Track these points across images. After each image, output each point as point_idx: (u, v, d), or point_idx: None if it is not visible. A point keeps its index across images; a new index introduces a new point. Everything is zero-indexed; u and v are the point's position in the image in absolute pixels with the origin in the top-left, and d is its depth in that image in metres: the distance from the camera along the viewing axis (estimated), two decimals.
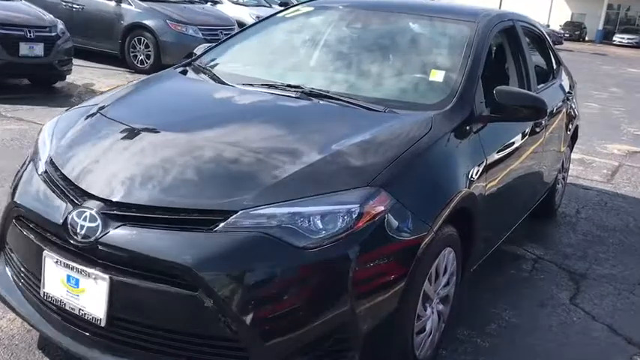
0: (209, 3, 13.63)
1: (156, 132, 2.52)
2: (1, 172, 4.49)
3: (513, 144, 3.26)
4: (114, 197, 2.15)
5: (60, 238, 2.15)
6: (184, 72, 3.32)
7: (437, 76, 2.99)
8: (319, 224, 2.08)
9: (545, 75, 4.54)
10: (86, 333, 2.13)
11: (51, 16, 8.55)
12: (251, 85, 3.02)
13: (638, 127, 9.94)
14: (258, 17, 12.75)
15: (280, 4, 16.17)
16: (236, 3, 15.43)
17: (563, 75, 4.87)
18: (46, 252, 2.18)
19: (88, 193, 2.19)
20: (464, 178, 2.61)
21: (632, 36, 43.47)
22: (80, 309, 2.11)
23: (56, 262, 2.15)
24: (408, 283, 2.23)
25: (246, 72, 3.28)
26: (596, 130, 8.95)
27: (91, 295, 2.08)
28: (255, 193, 2.11)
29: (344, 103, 2.80)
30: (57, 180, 2.32)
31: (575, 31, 46.17)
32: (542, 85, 4.16)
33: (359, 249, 2.09)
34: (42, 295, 2.22)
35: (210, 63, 3.42)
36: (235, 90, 3.00)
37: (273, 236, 2.02)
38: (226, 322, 1.98)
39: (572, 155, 5.58)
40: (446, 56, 3.20)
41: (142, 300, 2.04)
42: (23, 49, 7.80)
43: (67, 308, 2.15)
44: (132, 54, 10.74)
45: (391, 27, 3.46)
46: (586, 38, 46.96)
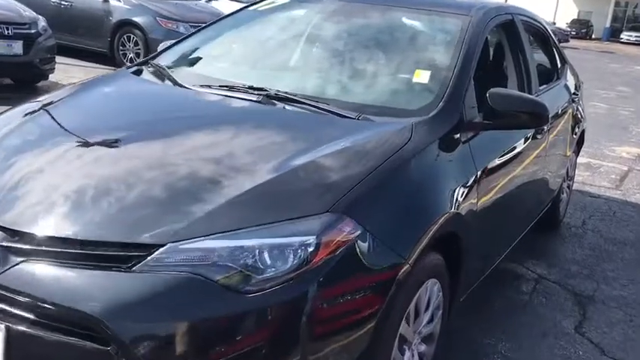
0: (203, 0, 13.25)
1: (81, 145, 2.13)
2: None
3: (510, 152, 2.86)
4: (18, 226, 1.77)
5: None
6: (138, 72, 2.93)
7: (421, 77, 2.59)
8: (267, 261, 1.69)
9: (548, 75, 4.13)
10: None
11: (32, 13, 8.18)
12: (208, 87, 2.63)
13: None
14: None
15: None
16: None
17: (568, 75, 4.46)
18: None
19: None
20: (450, 197, 2.22)
21: (639, 34, 42.86)
22: None
23: None
24: (379, 326, 1.85)
25: (207, 72, 2.89)
26: (603, 132, 8.52)
27: None
28: (187, 222, 1.72)
29: (312, 109, 2.40)
30: None
31: (581, 29, 45.62)
32: (544, 86, 3.75)
33: (315, 290, 1.70)
34: None
35: (169, 61, 3.03)
36: (188, 93, 2.61)
37: (207, 277, 1.63)
38: None
39: (578, 160, 5.18)
40: (433, 54, 2.80)
41: (47, 355, 1.66)
42: (0, 47, 7.44)
43: None
44: (121, 52, 10.38)
45: (373, 22, 3.06)
46: (593, 36, 46.38)
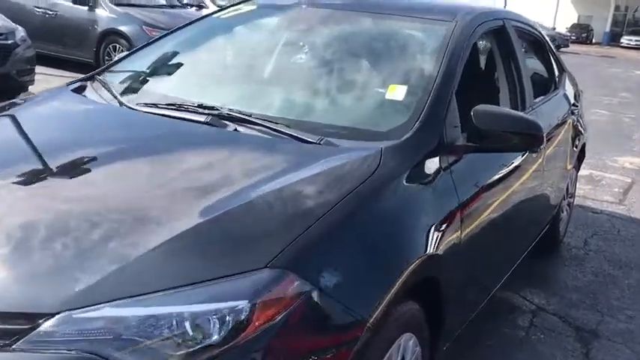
0: (194, 8, 12.94)
1: None
2: None
3: (500, 176, 2.52)
4: None
5: None
6: (80, 88, 2.60)
7: (396, 93, 2.25)
8: (188, 332, 1.35)
9: (545, 85, 3.80)
10: None
11: (9, 23, 7.87)
12: (155, 106, 2.29)
13: None
14: None
15: None
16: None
17: (567, 84, 4.12)
18: None
19: None
20: (426, 237, 1.87)
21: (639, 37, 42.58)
22: None
23: None
24: None
25: (157, 87, 2.56)
26: (605, 141, 8.17)
27: None
28: (87, 283, 1.38)
29: (268, 131, 2.07)
30: None
31: (582, 34, 45.33)
32: (540, 98, 3.41)
33: None
34: None
35: (118, 76, 2.70)
36: (126, 115, 2.27)
37: (107, 357, 1.29)
38: None
39: (579, 172, 4.84)
40: (412, 66, 2.46)
41: None
42: None
43: None
44: (107, 62, 10.06)
45: (345, 30, 2.73)
46: (593, 40, 46.06)
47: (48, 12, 10.50)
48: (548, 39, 3.95)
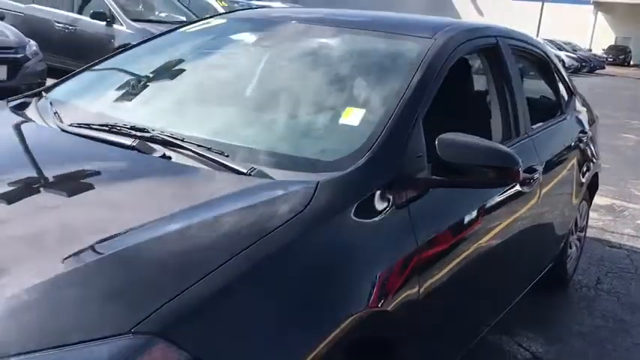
0: None
1: None
2: None
3: (475, 213, 2.21)
4: None
5: None
6: (22, 105, 2.39)
7: (351, 118, 1.98)
8: None
9: (548, 109, 3.48)
10: None
11: (20, 37, 7.83)
12: (87, 127, 2.05)
13: None
14: None
15: None
16: None
17: (576, 108, 3.79)
18: None
19: None
20: (367, 289, 1.58)
21: None
22: None
23: None
24: None
25: (98, 106, 2.33)
26: (630, 168, 7.73)
27: None
28: None
29: (196, 157, 1.81)
30: None
31: (619, 55, 44.44)
32: (540, 125, 3.10)
33: None
34: None
35: (67, 92, 2.49)
36: (53, 136, 2.04)
37: None
38: None
39: (599, 201, 4.47)
40: (375, 88, 2.19)
41: None
42: None
43: None
44: None
45: (310, 47, 2.46)
46: (631, 62, 45.05)
47: (68, 27, 10.54)
48: (554, 59, 3.63)
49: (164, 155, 1.84)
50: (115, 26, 10.20)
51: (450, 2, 43.37)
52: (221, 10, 13.67)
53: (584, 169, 3.66)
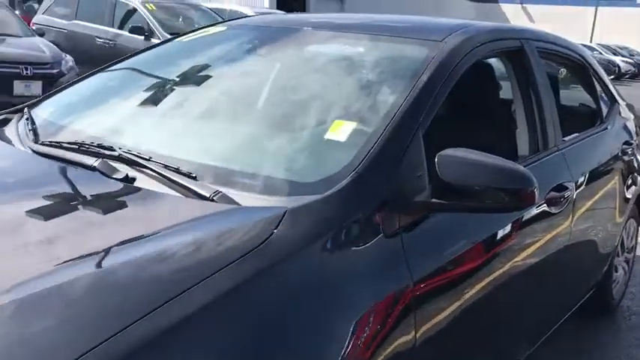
0: None
1: None
2: None
3: (489, 240, 1.93)
4: None
5: None
6: (3, 121, 2.26)
7: (339, 132, 1.73)
8: None
9: (585, 119, 3.15)
10: None
11: (56, 51, 7.92)
12: (58, 146, 1.88)
13: None
14: None
15: None
16: None
17: (620, 116, 3.43)
18: None
19: None
20: (340, 339, 1.33)
21: None
22: None
23: None
24: None
25: (78, 123, 2.16)
26: None
27: None
28: None
29: (159, 178, 1.60)
30: None
31: None
32: (575, 136, 2.78)
33: None
34: None
35: (53, 109, 2.34)
36: (23, 155, 1.88)
37: None
38: None
39: None
40: (372, 97, 1.94)
41: None
42: (18, 88, 7.18)
43: None
44: None
45: (307, 53, 2.24)
46: None
47: (108, 42, 10.65)
48: (594, 63, 3.29)
49: (126, 177, 1.64)
50: (153, 40, 10.23)
51: (500, 9, 42.52)
52: None
53: (629, 183, 3.31)
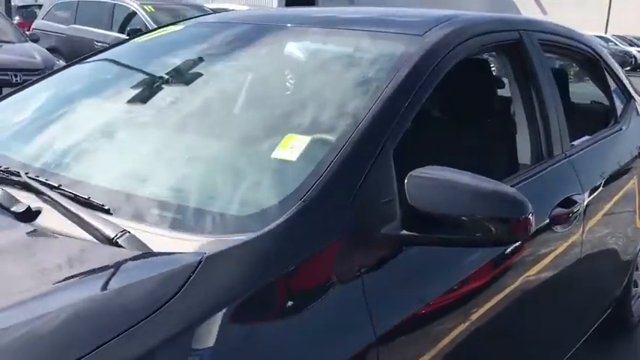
0: None
1: None
2: None
3: (479, 271, 1.60)
4: None
5: None
6: None
7: (290, 149, 1.41)
8: None
9: (597, 118, 2.81)
10: None
11: (48, 58, 7.70)
12: None
13: None
14: None
15: None
16: None
17: (637, 114, 3.08)
18: None
19: None
20: None
21: None
22: None
23: None
24: None
25: (8, 135, 1.87)
26: None
27: None
28: None
29: (64, 211, 1.31)
30: None
31: None
32: (585, 139, 2.44)
33: None
34: None
35: None
36: None
37: None
38: None
39: None
40: (334, 106, 1.61)
41: None
42: None
43: None
44: None
45: (271, 52, 1.92)
46: None
47: (107, 45, 10.43)
48: (607, 56, 2.94)
49: (28, 209, 1.35)
50: None
51: (512, 1, 41.84)
52: None
53: None
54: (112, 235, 1.19)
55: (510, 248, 1.68)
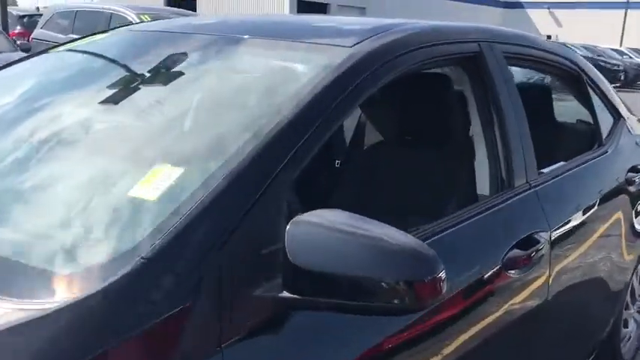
0: None
1: None
2: None
3: (403, 332, 1.32)
4: None
5: None
6: None
7: (154, 184, 1.14)
8: None
9: (577, 141, 2.52)
10: None
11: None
12: None
13: None
14: None
15: None
16: None
17: (627, 135, 2.77)
18: None
19: None
20: None
21: None
22: None
23: None
24: None
25: None
26: None
27: None
28: None
29: None
30: None
31: None
32: (559, 165, 2.15)
33: None
34: None
35: None
36: None
37: None
38: None
39: None
40: (226, 131, 1.34)
41: None
42: None
43: None
44: None
45: (169, 67, 1.64)
46: None
47: None
48: (590, 70, 2.63)
49: None
50: None
51: (526, 14, 41.46)
52: None
53: (635, 218, 2.65)
54: None
55: (438, 306, 1.38)
